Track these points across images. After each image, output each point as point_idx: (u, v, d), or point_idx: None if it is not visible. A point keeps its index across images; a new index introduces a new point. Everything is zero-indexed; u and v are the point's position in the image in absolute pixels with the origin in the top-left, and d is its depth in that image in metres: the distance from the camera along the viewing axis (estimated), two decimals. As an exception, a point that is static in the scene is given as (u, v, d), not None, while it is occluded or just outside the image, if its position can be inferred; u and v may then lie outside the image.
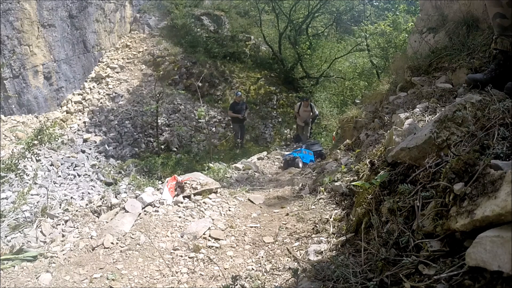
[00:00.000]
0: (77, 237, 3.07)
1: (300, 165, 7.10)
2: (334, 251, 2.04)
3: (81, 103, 11.27)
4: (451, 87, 2.76)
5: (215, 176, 5.60)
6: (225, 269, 2.49)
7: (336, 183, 3.10)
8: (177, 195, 3.76)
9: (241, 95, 10.81)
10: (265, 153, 9.30)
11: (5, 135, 8.46)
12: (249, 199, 3.76)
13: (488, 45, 2.77)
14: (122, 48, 13.62)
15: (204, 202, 3.55)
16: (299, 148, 8.29)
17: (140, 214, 3.30)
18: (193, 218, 3.26)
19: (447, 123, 1.57)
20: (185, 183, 3.89)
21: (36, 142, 4.78)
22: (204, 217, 3.27)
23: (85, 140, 9.91)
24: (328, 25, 18.55)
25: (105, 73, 12.37)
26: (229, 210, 3.44)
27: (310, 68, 15.64)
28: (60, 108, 10.92)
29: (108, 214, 3.48)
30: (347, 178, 3.15)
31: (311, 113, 9.64)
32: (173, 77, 12.80)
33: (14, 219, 4.10)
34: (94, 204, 3.82)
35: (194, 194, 3.70)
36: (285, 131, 12.48)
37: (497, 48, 2.18)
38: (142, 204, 3.41)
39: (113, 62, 12.88)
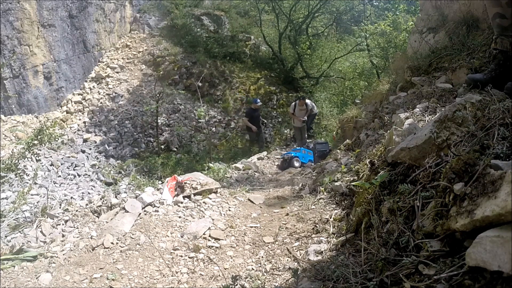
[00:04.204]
0: (77, 237, 3.07)
1: (296, 164, 7.03)
2: (334, 251, 2.04)
3: (81, 103, 11.27)
4: (451, 87, 2.76)
5: (215, 176, 5.60)
6: (225, 269, 2.49)
7: (336, 183, 3.09)
8: (177, 195, 3.76)
9: (260, 104, 10.25)
10: (265, 153, 9.29)
11: (5, 135, 8.46)
12: (249, 199, 3.75)
13: (488, 45, 2.77)
14: (122, 48, 13.61)
15: (204, 202, 3.55)
16: (298, 147, 8.23)
17: (140, 214, 3.30)
18: (193, 218, 3.26)
19: (447, 123, 1.57)
20: (185, 183, 3.89)
21: (36, 142, 4.78)
22: (204, 217, 3.27)
23: (85, 140, 9.92)
24: (328, 25, 18.52)
25: (105, 73, 12.37)
26: (229, 210, 3.44)
27: (310, 68, 15.61)
28: (60, 108, 10.92)
29: (108, 214, 3.48)
30: (347, 178, 3.15)
31: (307, 111, 9.36)
32: (173, 77, 12.80)
33: (14, 219, 4.10)
34: (94, 204, 3.82)
35: (194, 194, 3.70)
36: (285, 131, 12.48)
37: (497, 48, 2.18)
38: (142, 204, 3.41)
39: (113, 62, 12.88)
